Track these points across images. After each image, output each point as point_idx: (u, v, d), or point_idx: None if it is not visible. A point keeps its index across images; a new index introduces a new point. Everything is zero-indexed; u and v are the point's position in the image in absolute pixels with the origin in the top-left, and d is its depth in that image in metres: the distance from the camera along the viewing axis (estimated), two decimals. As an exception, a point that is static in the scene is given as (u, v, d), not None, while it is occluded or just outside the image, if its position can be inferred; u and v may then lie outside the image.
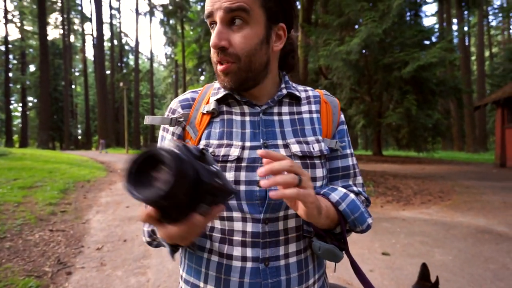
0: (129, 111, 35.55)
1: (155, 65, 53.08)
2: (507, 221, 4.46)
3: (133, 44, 43.38)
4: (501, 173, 9.82)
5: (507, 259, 3.09)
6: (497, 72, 28.86)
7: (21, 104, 37.66)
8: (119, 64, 42.63)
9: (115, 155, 20.02)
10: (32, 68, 40.24)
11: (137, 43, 39.02)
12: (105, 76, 33.63)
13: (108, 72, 38.30)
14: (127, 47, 45.51)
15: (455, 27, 27.13)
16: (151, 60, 43.54)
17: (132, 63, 44.40)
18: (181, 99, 0.73)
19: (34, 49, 37.04)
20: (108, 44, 40.97)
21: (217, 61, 0.64)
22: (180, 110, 0.70)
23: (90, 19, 41.24)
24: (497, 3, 33.29)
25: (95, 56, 34.58)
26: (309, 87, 0.78)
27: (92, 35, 39.40)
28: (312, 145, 0.68)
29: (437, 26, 23.83)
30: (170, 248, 0.61)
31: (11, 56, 36.23)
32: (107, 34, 41.87)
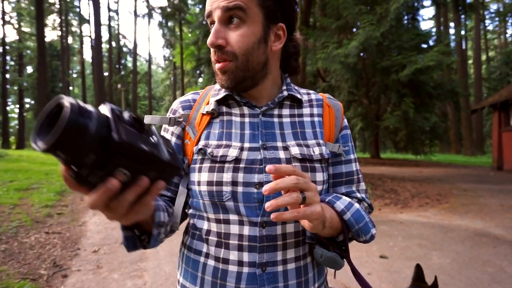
0: (127, 113, 35.41)
1: (153, 67, 53.09)
2: (504, 224, 4.47)
3: (131, 46, 43.40)
4: (498, 176, 9.86)
5: (504, 262, 3.10)
6: (494, 75, 29.09)
7: (18, 106, 37.52)
8: (117, 66, 42.58)
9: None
10: (29, 69, 40.16)
11: (135, 45, 39.04)
12: (103, 78, 33.56)
13: (106, 74, 38.21)
14: (125, 49, 45.52)
15: (452, 30, 27.32)
16: (149, 62, 43.55)
17: (130, 65, 44.41)
18: (182, 100, 0.73)
19: (31, 51, 36.94)
20: (106, 46, 40.93)
21: (215, 59, 0.65)
22: (181, 111, 0.71)
23: (88, 21, 41.25)
24: (493, 7, 33.58)
25: (93, 57, 34.54)
26: (312, 91, 0.78)
27: (90, 36, 39.36)
28: (312, 148, 0.67)
29: (434, 29, 24.01)
30: (123, 233, 0.56)
31: (8, 58, 36.12)
32: (105, 36, 41.81)
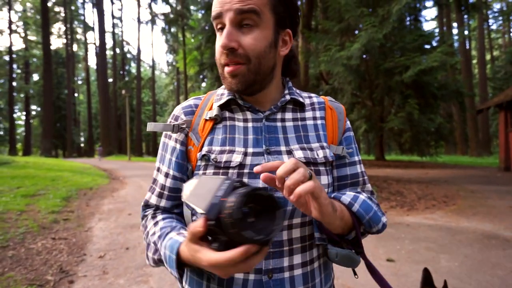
0: (131, 118, 35.74)
1: (156, 72, 53.51)
2: (513, 225, 4.40)
3: (135, 52, 43.90)
4: (505, 177, 9.73)
5: (514, 264, 3.04)
6: (499, 75, 28.84)
7: (24, 113, 38.03)
8: (121, 72, 43.01)
9: (118, 162, 20.08)
10: (35, 77, 40.72)
11: (139, 51, 39.42)
12: (107, 84, 33.94)
13: (110, 80, 38.65)
14: (129, 55, 46.02)
15: (455, 31, 27.22)
16: (153, 68, 43.93)
17: (134, 71, 44.85)
18: (184, 105, 0.72)
19: (37, 59, 37.50)
20: (110, 53, 41.42)
21: (225, 63, 0.62)
22: (183, 117, 0.70)
23: (93, 29, 41.82)
24: (497, 6, 33.38)
25: (97, 64, 34.96)
26: (313, 94, 0.77)
27: (95, 44, 39.88)
28: (316, 151, 0.66)
29: (437, 30, 23.93)
30: (178, 275, 0.56)
31: (15, 66, 36.70)
32: (109, 43, 42.41)
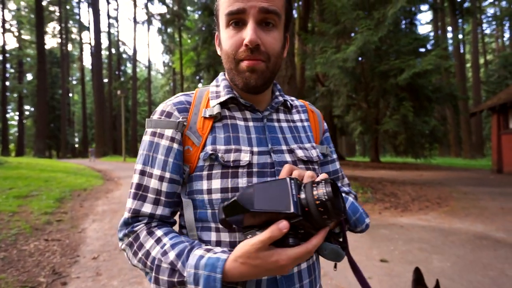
0: (126, 119, 35.57)
1: (153, 73, 53.34)
2: (505, 227, 4.46)
3: (131, 53, 43.63)
4: (498, 179, 9.85)
5: (505, 265, 3.08)
6: (492, 79, 29.20)
7: (17, 113, 37.60)
8: (116, 73, 42.75)
9: (113, 163, 19.94)
10: (29, 77, 40.31)
11: (135, 51, 39.25)
12: (102, 84, 33.71)
13: (105, 80, 38.39)
14: (125, 56, 45.75)
15: (450, 34, 27.54)
16: (149, 68, 43.75)
17: (130, 71, 44.61)
18: (175, 101, 0.68)
19: (31, 58, 37.14)
20: (106, 53, 41.16)
21: (244, 58, 0.62)
22: (177, 114, 0.65)
23: (88, 28, 41.55)
24: (490, 11, 33.86)
25: (93, 64, 34.72)
26: (293, 97, 0.81)
27: (90, 43, 39.61)
28: (310, 151, 0.70)
29: (432, 34, 24.19)
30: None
31: (8, 65, 36.29)
32: (105, 42, 42.08)
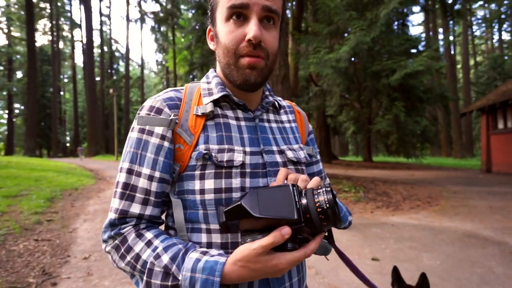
0: (119, 118, 35.20)
1: (146, 71, 52.88)
2: (492, 225, 4.55)
3: (123, 51, 43.24)
4: (487, 179, 10.03)
5: (493, 262, 3.15)
6: (482, 80, 29.74)
7: (7, 111, 36.90)
8: (109, 71, 42.27)
9: (105, 162, 19.73)
10: (19, 74, 39.58)
11: (128, 49, 38.88)
12: (95, 83, 33.31)
13: (98, 78, 37.95)
14: (117, 54, 45.27)
15: (441, 36, 27.91)
16: (142, 67, 43.41)
17: (122, 69, 44.19)
18: (165, 97, 0.65)
19: (21, 56, 36.49)
20: (98, 51, 40.68)
21: (245, 53, 0.61)
22: (168, 111, 0.63)
23: (80, 26, 40.97)
24: (480, 13, 34.44)
25: (84, 62, 34.27)
26: (279, 97, 0.81)
27: (82, 41, 39.10)
28: (298, 152, 0.71)
29: (423, 35, 24.50)
30: None
31: (-3, 62, 35.61)
32: (97, 40, 41.61)
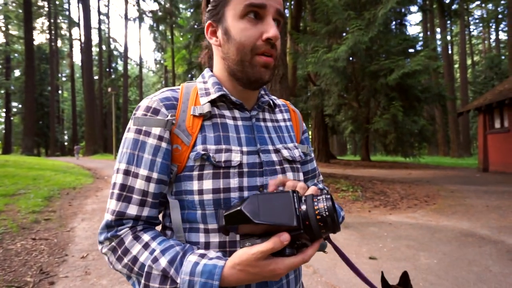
0: (117, 116, 35.08)
1: (144, 70, 52.70)
2: (489, 224, 4.58)
3: (122, 50, 43.04)
4: (484, 178, 10.08)
5: (489, 261, 3.17)
6: (479, 79, 29.84)
7: (4, 110, 36.74)
8: (107, 70, 42.11)
9: (103, 161, 19.67)
10: (17, 73, 39.39)
11: (126, 48, 38.70)
12: (93, 82, 33.19)
13: (96, 77, 37.82)
14: (115, 53, 45.07)
15: (438, 36, 27.98)
16: (140, 66, 43.29)
17: (120, 68, 44.03)
18: (161, 97, 0.64)
19: (19, 54, 36.32)
20: (96, 50, 40.54)
21: (263, 51, 0.62)
22: (165, 111, 0.62)
23: (78, 24, 40.77)
24: (477, 13, 34.54)
25: (82, 61, 34.13)
26: (274, 96, 0.81)
27: (80, 40, 38.92)
28: (293, 151, 0.71)
29: (421, 35, 24.55)
30: None
31: (-5, 61, 35.42)
32: (95, 39, 41.48)
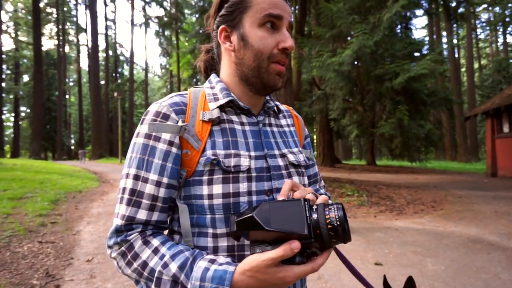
0: (123, 121, 35.43)
1: (150, 75, 53.25)
2: (498, 230, 4.50)
3: (128, 55, 43.59)
4: (492, 183, 9.93)
5: (498, 268, 3.11)
6: (486, 83, 29.55)
7: (13, 114, 37.34)
8: (114, 75, 42.65)
9: (108, 165, 19.83)
10: (26, 78, 40.09)
11: (132, 53, 39.17)
12: (99, 86, 33.61)
13: (102, 82, 38.30)
14: (122, 58, 45.69)
15: (445, 39, 27.83)
16: (146, 71, 43.73)
17: (127, 73, 44.53)
18: (171, 102, 0.65)
19: (28, 60, 36.99)
20: (103, 55, 41.12)
21: (279, 59, 0.65)
22: (175, 116, 0.63)
23: (85, 30, 41.46)
24: (484, 16, 34.33)
25: (89, 66, 34.62)
26: (277, 102, 0.82)
27: (87, 45, 39.52)
28: (298, 155, 0.73)
29: (427, 38, 24.47)
30: None
31: (4, 66, 36.06)
32: (102, 44, 42.11)
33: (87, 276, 2.84)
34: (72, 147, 44.97)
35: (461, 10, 11.85)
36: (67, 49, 43.57)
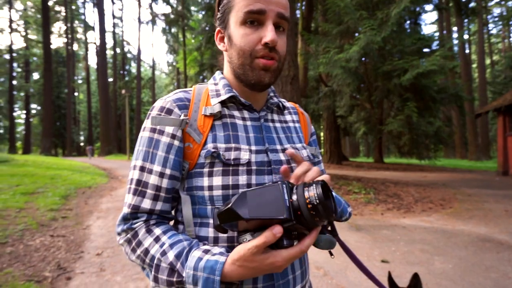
0: (131, 118, 35.79)
1: (157, 72, 53.58)
2: (508, 229, 4.43)
3: (135, 52, 43.98)
4: (503, 181, 9.76)
5: (508, 267, 3.07)
6: (498, 79, 28.95)
7: (24, 111, 38.05)
8: (121, 72, 43.04)
9: (117, 161, 20.09)
10: (36, 76, 40.76)
11: (139, 51, 39.45)
12: (107, 84, 33.96)
13: (110, 79, 38.66)
14: (129, 55, 46.05)
15: (455, 35, 27.32)
16: (153, 68, 44.01)
17: (134, 70, 44.91)
18: (175, 98, 0.68)
19: (38, 58, 37.54)
20: (110, 52, 41.47)
21: (262, 55, 0.64)
22: (178, 111, 0.66)
23: (93, 28, 41.88)
24: (496, 11, 33.53)
25: (97, 64, 34.99)
26: (283, 99, 0.83)
27: (95, 43, 39.92)
28: (301, 151, 0.73)
29: (437, 34, 24.04)
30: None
31: (15, 64, 36.75)
32: (109, 42, 42.45)
33: (97, 269, 2.91)
34: (82, 144, 45.64)
35: (472, 4, 11.61)
36: (75, 47, 44.10)
